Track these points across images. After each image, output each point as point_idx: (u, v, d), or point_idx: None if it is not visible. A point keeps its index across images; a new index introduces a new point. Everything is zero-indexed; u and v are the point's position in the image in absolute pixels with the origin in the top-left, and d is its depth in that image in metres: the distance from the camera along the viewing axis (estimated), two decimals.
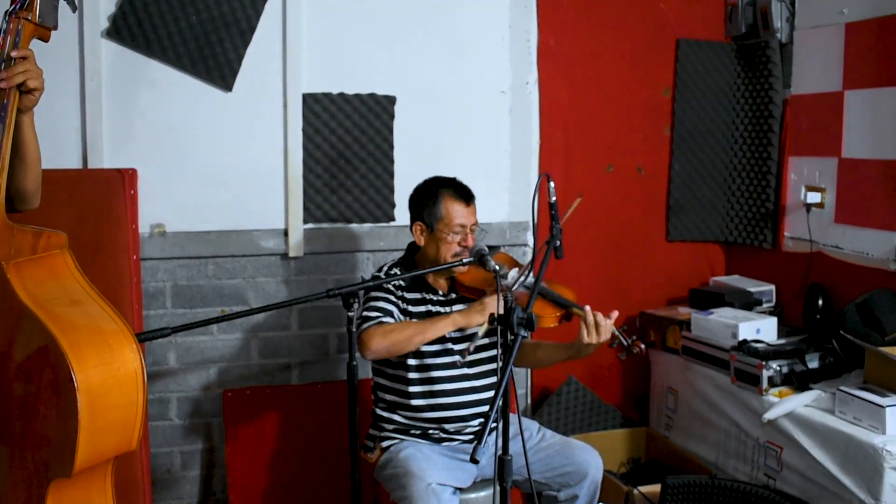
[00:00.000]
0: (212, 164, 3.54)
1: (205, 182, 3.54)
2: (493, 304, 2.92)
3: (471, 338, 2.95)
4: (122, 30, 3.39)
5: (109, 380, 1.96)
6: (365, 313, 2.95)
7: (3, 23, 2.02)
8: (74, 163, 3.37)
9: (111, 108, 3.42)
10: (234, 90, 3.53)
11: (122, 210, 3.31)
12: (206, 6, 3.45)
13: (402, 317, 3.04)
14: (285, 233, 3.63)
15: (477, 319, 2.93)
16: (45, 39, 2.07)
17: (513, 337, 2.33)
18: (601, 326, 2.88)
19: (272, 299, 3.64)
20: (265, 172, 3.60)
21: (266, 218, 3.61)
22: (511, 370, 2.24)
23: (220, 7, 3.46)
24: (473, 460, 2.06)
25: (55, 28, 2.07)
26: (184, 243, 3.53)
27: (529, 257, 3.89)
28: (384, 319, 2.96)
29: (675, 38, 4.11)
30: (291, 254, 3.63)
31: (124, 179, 3.33)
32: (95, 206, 3.27)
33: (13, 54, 2.02)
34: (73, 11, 2.11)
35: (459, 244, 3.04)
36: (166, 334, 2.44)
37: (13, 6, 2.02)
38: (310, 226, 3.66)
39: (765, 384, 3.34)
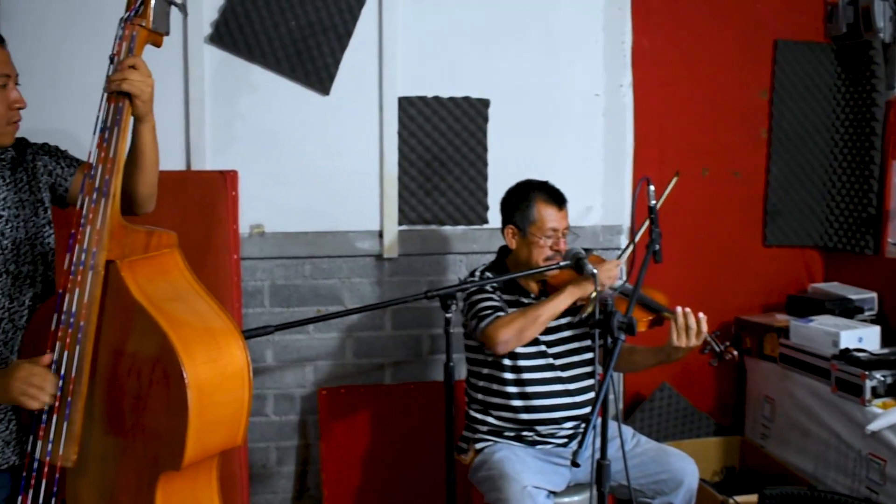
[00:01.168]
0: (309, 167, 3.61)
1: (302, 184, 3.61)
2: (604, 273, 2.91)
3: (563, 341, 2.94)
4: (225, 35, 3.48)
5: (217, 377, 2.02)
6: (480, 313, 2.97)
7: (119, 29, 2.09)
8: (178, 164, 3.47)
9: (213, 111, 3.52)
10: (331, 94, 3.58)
11: (223, 210, 3.40)
12: (304, 12, 3.51)
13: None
14: (380, 234, 3.67)
15: (589, 288, 2.92)
16: (158, 45, 2.13)
17: (612, 341, 2.32)
18: (691, 329, 2.85)
19: (366, 300, 3.69)
20: (361, 175, 3.65)
21: (361, 219, 3.66)
22: (612, 374, 2.23)
23: (318, 13, 3.52)
24: (574, 463, 2.05)
25: (167, 34, 2.13)
26: (282, 243, 3.60)
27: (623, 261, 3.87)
28: (500, 314, 2.97)
29: (772, 39, 4.03)
30: (386, 255, 3.68)
31: (226, 181, 3.41)
32: (198, 207, 3.36)
33: (122, 64, 2.07)
34: (185, 16, 2.17)
35: (551, 248, 3.04)
36: (269, 332, 2.49)
37: (128, 13, 2.08)
38: (404, 227, 3.69)
39: (868, 395, 3.25)
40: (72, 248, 2.05)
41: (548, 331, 3.00)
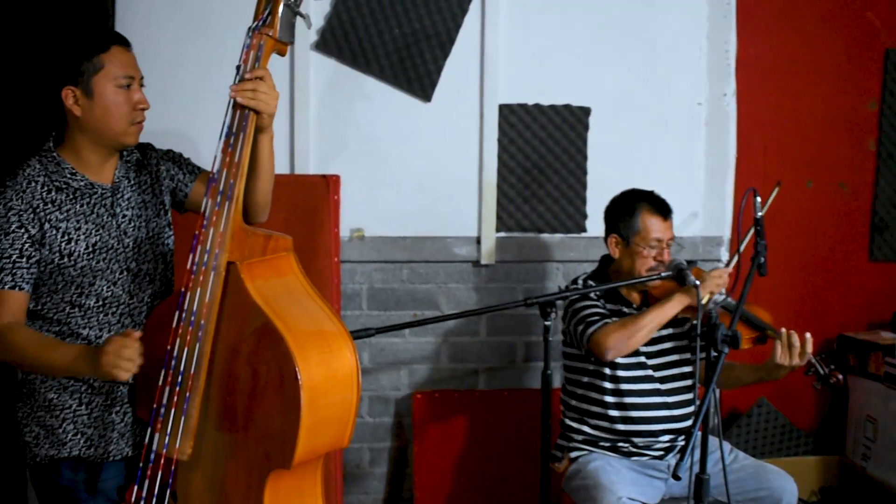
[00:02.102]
0: (409, 172, 3.65)
1: (402, 189, 3.65)
2: (712, 281, 2.88)
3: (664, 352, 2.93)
4: (330, 43, 3.54)
5: (329, 379, 2.06)
6: (586, 319, 2.97)
7: (247, 38, 2.15)
8: (283, 168, 3.55)
9: (318, 117, 3.58)
10: (432, 101, 3.62)
11: (325, 214, 3.46)
12: (408, 19, 3.56)
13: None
14: (478, 240, 3.69)
15: (701, 293, 2.86)
16: (282, 54, 2.19)
17: (715, 354, 2.31)
18: (796, 349, 2.81)
19: (462, 305, 3.72)
20: (460, 181, 3.68)
21: (460, 225, 3.69)
22: (714, 388, 2.21)
23: (421, 20, 3.57)
24: (675, 476, 2.04)
25: (292, 43, 2.19)
26: (381, 248, 3.65)
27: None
28: (608, 321, 2.97)
29: (883, 48, 3.93)
30: (483, 261, 3.70)
31: (329, 185, 3.48)
32: (301, 210, 3.43)
33: (247, 76, 2.13)
34: (309, 28, 2.22)
35: (655, 258, 3.02)
36: (370, 334, 2.54)
37: (256, 23, 2.14)
38: (502, 234, 3.71)
39: None
40: (194, 249, 2.12)
41: (649, 342, 2.99)
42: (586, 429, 3.08)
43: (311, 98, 3.56)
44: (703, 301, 2.83)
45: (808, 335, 2.82)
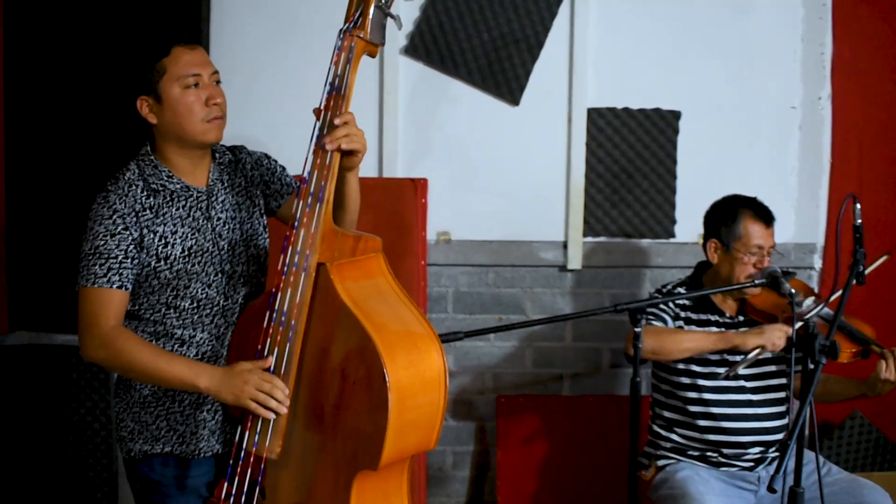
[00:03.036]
0: (496, 176, 3.65)
1: (489, 193, 3.65)
2: (773, 333, 2.84)
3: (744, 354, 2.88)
4: (419, 47, 3.57)
5: (417, 381, 2.07)
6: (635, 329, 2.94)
7: (338, 40, 2.16)
8: (371, 171, 3.58)
9: (406, 120, 3.61)
10: (520, 104, 3.62)
11: (413, 217, 3.49)
12: (497, 23, 3.56)
13: None
14: (565, 245, 3.67)
15: (752, 342, 2.86)
16: (373, 56, 2.20)
17: (812, 365, 2.25)
18: None
19: (547, 310, 3.70)
20: (547, 185, 3.66)
21: (546, 230, 3.67)
22: (811, 400, 2.15)
23: (510, 24, 3.57)
24: (771, 489, 1.99)
25: (382, 45, 2.20)
26: (467, 251, 3.66)
27: (815, 281, 3.73)
28: (654, 323, 2.95)
29: None
30: (570, 266, 3.67)
31: (416, 188, 3.50)
32: (389, 213, 3.46)
33: (336, 121, 2.14)
34: (399, 28, 2.23)
35: (755, 266, 2.97)
36: (459, 338, 2.55)
37: (347, 25, 2.16)
38: (589, 239, 3.68)
39: None
40: (285, 250, 2.15)
41: (741, 351, 2.93)
42: (674, 437, 3.04)
43: (400, 102, 3.59)
44: (751, 355, 2.81)
45: None
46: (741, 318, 3.05)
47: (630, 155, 3.66)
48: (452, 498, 3.83)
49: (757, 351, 2.83)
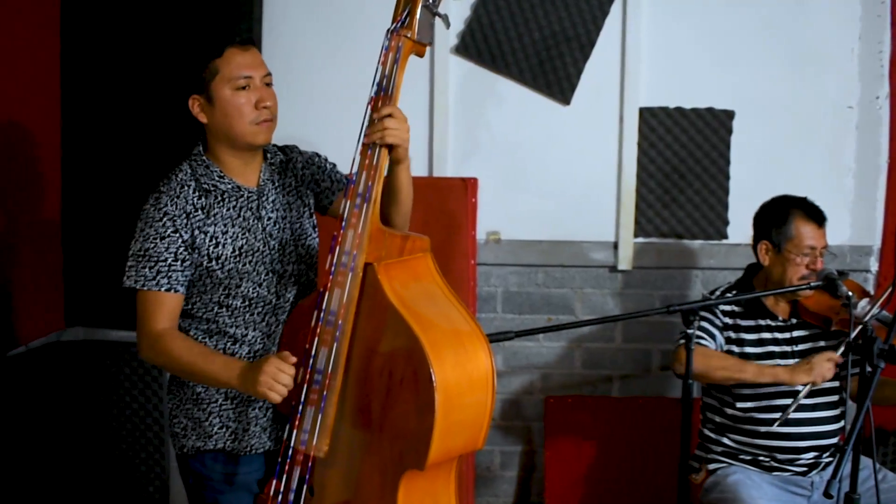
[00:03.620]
0: (546, 176, 3.64)
1: (539, 192, 3.65)
2: (821, 366, 2.80)
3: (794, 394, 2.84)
4: (470, 46, 3.56)
5: (464, 381, 2.06)
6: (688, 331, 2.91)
7: (385, 40, 2.17)
8: (421, 171, 3.59)
9: (456, 120, 3.61)
10: (571, 104, 3.60)
11: (463, 217, 3.49)
12: (548, 22, 3.55)
13: (724, 345, 2.97)
14: (615, 245, 3.65)
15: (801, 379, 2.82)
16: (421, 55, 2.20)
17: (870, 369, 2.21)
18: None
19: (597, 311, 3.68)
20: (598, 185, 3.64)
21: (596, 230, 3.65)
22: (869, 403, 2.11)
23: (562, 23, 3.55)
24: (827, 495, 1.96)
25: (431, 44, 2.20)
26: (517, 251, 3.65)
27: (871, 284, 3.66)
28: (703, 342, 2.91)
29: None
30: (620, 267, 3.65)
31: (467, 188, 3.51)
32: (439, 212, 3.46)
33: (374, 116, 2.15)
34: (447, 28, 2.23)
35: (807, 267, 2.92)
36: (510, 338, 2.54)
37: (394, 24, 2.16)
38: (640, 240, 3.66)
39: None
40: (333, 250, 2.16)
41: (796, 355, 2.89)
42: (726, 441, 3.00)
43: (450, 101, 3.60)
44: (802, 393, 2.79)
45: None
46: (794, 321, 3.00)
47: (682, 155, 3.62)
48: (500, 498, 3.82)
49: (807, 388, 2.81)
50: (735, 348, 2.97)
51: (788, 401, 2.89)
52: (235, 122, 2.30)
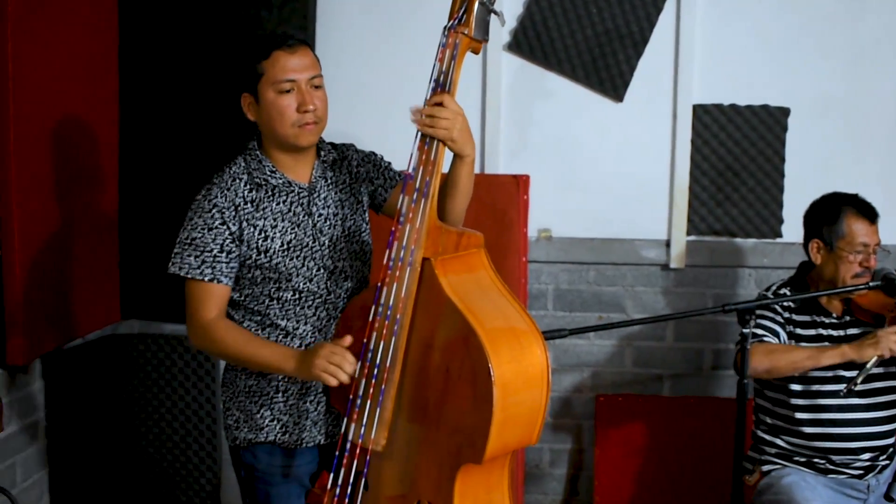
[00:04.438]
0: (598, 173, 3.63)
1: (590, 190, 3.64)
2: (888, 338, 2.75)
3: (860, 367, 2.78)
4: (522, 43, 3.56)
5: (520, 376, 2.07)
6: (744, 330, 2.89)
7: (442, 37, 2.18)
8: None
9: (508, 116, 3.62)
10: (624, 101, 3.59)
11: (514, 214, 3.49)
12: (601, 19, 3.54)
13: (787, 340, 2.94)
14: (667, 244, 3.63)
15: (869, 353, 2.76)
16: (477, 52, 2.21)
17: None
18: None
19: (649, 309, 3.66)
20: (650, 183, 3.62)
21: (648, 228, 3.64)
22: None
23: (615, 20, 3.54)
24: (888, 498, 1.94)
25: (486, 41, 2.21)
26: (568, 248, 3.65)
27: None
28: (767, 339, 2.87)
29: None
30: (672, 265, 3.63)
31: (519, 185, 3.51)
32: (491, 209, 3.47)
33: (428, 102, 2.16)
34: (503, 25, 2.24)
35: (861, 264, 2.88)
36: (564, 335, 2.54)
37: (451, 21, 2.17)
38: (692, 238, 3.63)
39: None
40: (390, 245, 2.17)
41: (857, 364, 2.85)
42: (780, 442, 2.97)
43: (502, 98, 3.60)
44: (869, 365, 2.72)
45: None
46: (847, 319, 2.97)
47: (736, 152, 3.59)
48: (549, 496, 3.82)
49: (874, 360, 2.75)
50: (792, 343, 2.95)
51: (847, 401, 2.85)
52: (278, 123, 2.32)
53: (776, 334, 2.91)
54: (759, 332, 2.88)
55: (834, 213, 2.94)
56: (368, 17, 3.61)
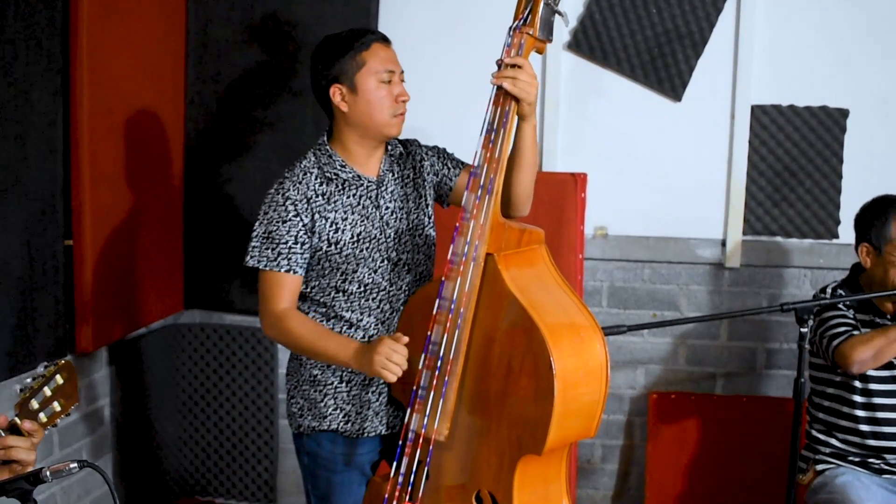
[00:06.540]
0: (655, 172, 3.65)
1: (647, 188, 3.65)
2: None
3: None
4: (582, 43, 3.60)
5: (580, 370, 2.12)
6: (831, 330, 2.89)
7: (508, 37, 2.23)
8: None
9: (566, 115, 3.64)
10: (682, 100, 3.60)
11: (572, 211, 3.52)
12: (661, 19, 3.55)
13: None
14: (723, 243, 3.64)
15: None
16: (541, 52, 2.26)
17: None
18: None
19: (703, 308, 3.67)
20: (706, 182, 3.63)
21: (704, 227, 3.64)
22: None
23: (674, 20, 3.55)
24: None
25: (551, 41, 2.26)
26: (623, 246, 3.67)
27: None
28: (855, 332, 2.87)
29: None
30: (727, 264, 3.63)
31: (576, 183, 3.54)
32: (549, 206, 3.49)
33: (506, 60, 2.22)
34: (567, 25, 2.28)
35: None
36: (623, 331, 2.58)
37: (517, 21, 2.22)
38: (748, 237, 3.63)
39: None
40: (455, 240, 2.23)
41: None
42: (834, 441, 2.98)
43: (561, 97, 3.63)
44: None
45: None
46: None
47: (794, 153, 3.59)
48: (600, 490, 3.85)
49: None
50: None
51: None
52: (376, 112, 2.40)
53: (856, 328, 2.91)
54: (842, 329, 2.87)
55: (881, 216, 2.93)
56: (430, 14, 3.66)
